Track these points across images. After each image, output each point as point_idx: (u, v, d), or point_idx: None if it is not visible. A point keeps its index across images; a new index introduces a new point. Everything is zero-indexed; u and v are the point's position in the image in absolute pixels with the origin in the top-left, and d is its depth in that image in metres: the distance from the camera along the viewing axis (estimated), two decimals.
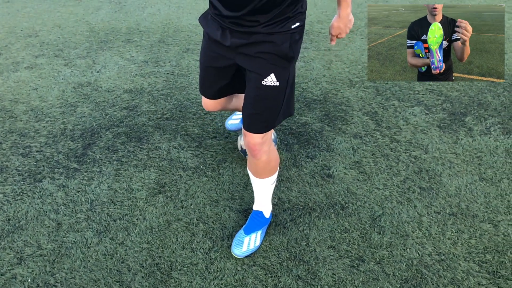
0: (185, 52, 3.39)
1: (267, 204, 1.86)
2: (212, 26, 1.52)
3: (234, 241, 1.82)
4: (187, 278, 1.72)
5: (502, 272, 1.71)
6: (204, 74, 1.71)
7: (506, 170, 2.17)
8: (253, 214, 1.87)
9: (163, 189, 2.12)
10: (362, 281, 1.69)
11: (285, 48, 1.43)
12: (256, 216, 1.86)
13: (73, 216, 1.99)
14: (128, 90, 2.91)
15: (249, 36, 1.43)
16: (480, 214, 1.95)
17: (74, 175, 2.21)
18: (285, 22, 1.41)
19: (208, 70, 1.67)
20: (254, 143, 1.59)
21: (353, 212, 1.97)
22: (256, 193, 1.84)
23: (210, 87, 1.75)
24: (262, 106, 1.52)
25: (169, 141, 2.43)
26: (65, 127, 2.57)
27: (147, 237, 1.88)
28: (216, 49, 1.57)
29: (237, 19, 1.40)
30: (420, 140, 2.40)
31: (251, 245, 1.80)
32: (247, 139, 1.60)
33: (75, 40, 3.63)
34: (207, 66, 1.66)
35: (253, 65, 1.48)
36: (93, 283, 1.71)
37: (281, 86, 1.49)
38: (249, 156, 1.69)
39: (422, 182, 2.13)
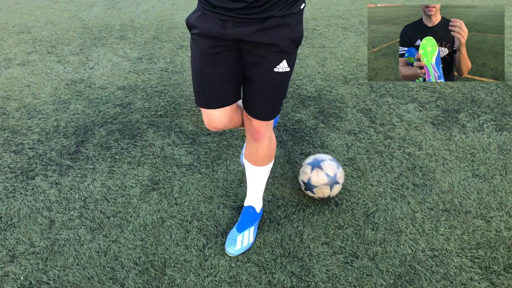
0: (179, 49, 3.38)
1: (260, 198, 1.87)
2: (207, 21, 1.40)
3: (227, 240, 1.82)
4: (181, 275, 1.72)
5: (494, 268, 1.72)
6: (203, 80, 1.50)
7: (498, 166, 2.19)
8: (245, 210, 1.88)
9: (157, 186, 2.11)
10: (356, 277, 1.70)
11: (299, 30, 1.40)
12: (248, 212, 1.86)
13: (66, 214, 1.98)
14: (122, 87, 2.90)
15: (261, 22, 1.34)
16: (473, 210, 1.96)
17: (67, 172, 2.20)
18: (296, 3, 1.37)
19: (207, 74, 1.49)
20: (260, 127, 1.57)
21: (347, 209, 1.98)
22: (251, 186, 1.84)
23: (213, 93, 1.53)
24: (273, 93, 1.48)
25: (163, 138, 2.43)
26: (58, 124, 2.55)
27: (141, 234, 1.88)
28: (215, 45, 1.42)
29: (245, 9, 1.32)
30: (414, 137, 2.41)
31: (244, 242, 1.80)
32: (252, 124, 1.57)
33: (68, 37, 3.60)
34: (204, 69, 1.47)
35: (266, 53, 1.40)
36: (87, 280, 1.70)
37: (290, 71, 1.46)
38: (250, 143, 1.68)
39: (416, 178, 2.13)
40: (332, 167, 1.92)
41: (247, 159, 1.77)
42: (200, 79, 1.51)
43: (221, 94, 1.54)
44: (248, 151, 1.74)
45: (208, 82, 1.50)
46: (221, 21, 1.37)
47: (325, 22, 3.82)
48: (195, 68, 1.50)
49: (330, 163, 1.93)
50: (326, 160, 1.94)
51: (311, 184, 1.91)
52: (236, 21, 1.36)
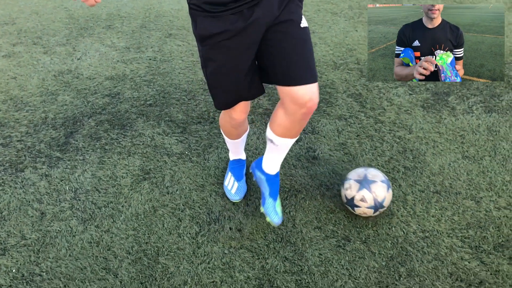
0: (167, 37, 3.34)
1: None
2: (225, 22, 1.35)
3: (268, 212, 1.71)
4: (174, 263, 1.72)
5: (484, 247, 1.74)
6: (234, 80, 1.47)
7: (488, 147, 2.20)
8: (273, 178, 1.75)
9: (148, 176, 2.10)
10: (349, 260, 1.71)
11: None
12: (276, 179, 1.76)
13: (57, 205, 1.96)
14: (110, 77, 2.87)
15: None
16: (463, 191, 1.98)
17: (57, 164, 2.18)
18: None
19: (238, 71, 1.45)
20: (313, 92, 1.40)
21: (339, 193, 1.98)
22: (281, 156, 1.70)
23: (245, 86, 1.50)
24: (306, 50, 1.41)
25: (153, 127, 2.41)
26: (46, 116, 2.52)
27: (133, 224, 1.87)
28: (239, 40, 1.38)
29: None
30: (404, 120, 2.42)
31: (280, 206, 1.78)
32: (300, 94, 1.39)
33: (54, 27, 3.54)
34: (233, 68, 1.44)
35: (286, 15, 1.38)
36: (79, 271, 1.70)
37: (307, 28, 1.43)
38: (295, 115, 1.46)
39: (407, 161, 2.15)
40: (382, 190, 1.76)
41: (286, 132, 1.56)
42: (230, 81, 1.47)
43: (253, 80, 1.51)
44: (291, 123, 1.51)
45: (238, 79, 1.47)
46: (239, 14, 1.34)
47: (314, 7, 3.79)
48: (225, 73, 1.45)
49: (381, 185, 1.77)
50: (377, 182, 1.77)
51: (353, 203, 1.79)
52: (252, 6, 1.33)
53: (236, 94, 1.53)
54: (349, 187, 1.80)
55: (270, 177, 1.75)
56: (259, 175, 1.77)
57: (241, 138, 1.90)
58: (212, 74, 1.49)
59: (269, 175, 1.75)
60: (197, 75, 2.85)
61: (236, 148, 1.99)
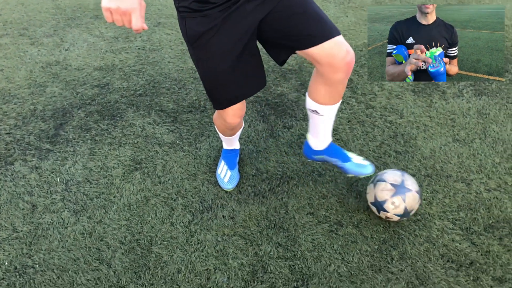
0: (156, 26, 3.30)
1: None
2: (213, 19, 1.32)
3: (357, 171, 1.73)
4: (167, 252, 1.72)
5: (474, 228, 1.76)
6: (232, 74, 1.44)
7: (478, 130, 2.22)
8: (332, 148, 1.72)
9: (139, 166, 2.09)
10: (341, 245, 1.73)
11: None
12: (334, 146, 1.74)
13: (48, 197, 1.95)
14: (99, 67, 2.83)
15: None
16: (453, 174, 1.99)
17: (47, 156, 2.16)
18: None
19: (236, 66, 1.42)
20: (345, 43, 1.34)
21: (331, 179, 1.99)
22: (329, 126, 1.63)
23: (245, 82, 1.48)
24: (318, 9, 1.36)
25: (143, 117, 2.39)
26: (35, 108, 2.49)
27: (126, 214, 1.87)
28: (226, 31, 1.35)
29: None
30: (395, 105, 2.42)
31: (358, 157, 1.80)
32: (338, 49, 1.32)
33: (41, 18, 3.48)
34: (233, 64, 1.41)
35: None
36: (72, 262, 1.70)
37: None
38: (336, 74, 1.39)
39: (398, 146, 2.15)
40: (414, 200, 1.68)
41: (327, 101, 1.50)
42: (227, 76, 1.43)
43: (257, 73, 1.49)
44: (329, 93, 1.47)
45: (237, 74, 1.44)
46: (227, 9, 1.31)
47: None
48: (220, 70, 1.41)
49: (415, 196, 1.68)
50: (412, 191, 1.68)
51: (382, 206, 1.70)
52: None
53: (234, 91, 1.49)
54: (383, 188, 1.70)
55: (328, 149, 1.70)
56: (318, 157, 1.77)
57: (235, 135, 1.89)
58: (207, 74, 1.45)
59: (326, 149, 1.70)
60: (187, 63, 2.82)
61: (231, 142, 1.98)
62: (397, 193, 1.67)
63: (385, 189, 1.69)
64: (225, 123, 1.65)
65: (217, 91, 1.50)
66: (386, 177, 1.72)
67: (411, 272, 1.63)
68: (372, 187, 1.76)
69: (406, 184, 1.69)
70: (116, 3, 1.08)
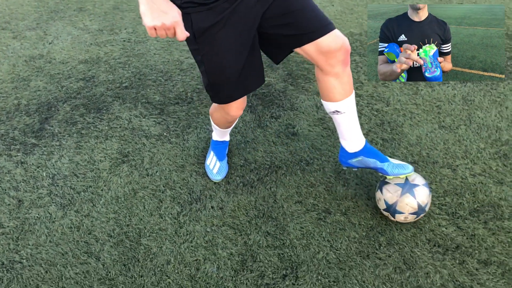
0: (141, 18, 3.26)
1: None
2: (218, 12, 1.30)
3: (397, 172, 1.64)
4: (156, 244, 1.72)
5: (460, 213, 1.79)
6: (238, 69, 1.43)
7: (463, 116, 2.24)
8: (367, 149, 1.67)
9: (126, 159, 2.08)
10: (330, 232, 1.74)
11: None
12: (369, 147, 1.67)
13: (35, 192, 1.93)
14: (84, 60, 2.80)
15: None
16: (440, 160, 2.01)
17: (32, 151, 2.13)
18: None
19: (243, 60, 1.41)
20: (341, 35, 1.37)
21: (318, 168, 2.00)
22: (355, 121, 1.61)
23: (249, 77, 1.47)
24: (312, 4, 1.38)
25: (129, 110, 2.37)
26: (19, 103, 2.45)
27: (114, 207, 1.86)
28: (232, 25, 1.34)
29: None
30: (382, 93, 2.43)
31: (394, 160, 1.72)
32: (337, 41, 1.36)
33: (23, 11, 3.42)
34: (240, 58, 1.40)
35: None
36: (61, 256, 1.69)
37: None
38: (337, 66, 1.42)
39: (385, 133, 2.17)
40: (425, 194, 1.65)
41: (342, 96, 1.51)
42: (239, 71, 1.42)
43: (260, 68, 1.49)
44: (339, 87, 1.49)
45: (241, 65, 1.42)
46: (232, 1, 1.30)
47: None
48: (228, 65, 1.39)
49: (424, 190, 1.65)
50: (419, 186, 1.65)
51: (395, 209, 1.65)
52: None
53: (239, 85, 1.47)
54: (388, 191, 1.67)
55: (364, 151, 1.66)
56: (354, 161, 1.69)
57: (232, 127, 1.89)
58: (213, 69, 1.42)
59: (362, 150, 1.65)
60: (172, 55, 2.80)
61: (224, 134, 1.97)
62: (406, 192, 1.63)
63: (390, 191, 1.66)
64: (228, 116, 1.63)
65: (221, 86, 1.47)
66: (387, 180, 1.70)
67: (399, 257, 1.65)
68: (377, 194, 1.73)
69: (410, 181, 1.66)
70: (160, 20, 1.09)
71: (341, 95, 1.51)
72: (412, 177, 1.68)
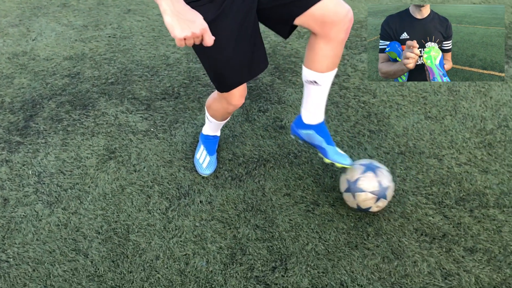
0: (126, 13, 3.22)
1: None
2: (219, 4, 1.31)
3: (336, 159, 1.67)
4: (145, 239, 1.71)
5: (447, 202, 1.81)
6: (242, 55, 1.43)
7: (449, 107, 2.26)
8: (322, 125, 1.69)
9: (113, 155, 2.06)
10: (318, 224, 1.75)
11: None
12: (324, 126, 1.70)
13: (21, 190, 1.91)
14: (69, 57, 2.76)
15: None
16: (426, 151, 2.03)
17: (17, 149, 2.11)
18: None
19: (246, 45, 1.42)
20: (350, 8, 1.36)
21: (306, 160, 2.01)
22: (325, 97, 1.61)
23: (253, 61, 1.47)
24: None
25: (116, 106, 2.35)
26: (2, 100, 2.41)
27: (101, 204, 1.84)
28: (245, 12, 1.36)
29: None
30: (368, 85, 2.44)
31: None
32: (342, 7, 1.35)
33: (5, 8, 3.36)
34: (243, 44, 1.41)
35: None
36: (48, 254, 1.67)
37: None
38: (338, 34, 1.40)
39: (371, 125, 2.18)
40: (387, 178, 1.66)
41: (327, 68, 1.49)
42: (231, 61, 1.42)
43: (263, 50, 1.49)
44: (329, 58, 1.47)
45: (241, 57, 1.43)
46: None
47: None
48: (232, 52, 1.39)
49: (386, 174, 1.68)
50: (382, 169, 1.68)
51: (356, 186, 1.64)
52: None
53: (244, 71, 1.47)
54: (351, 170, 1.67)
55: (318, 126, 1.67)
56: (305, 132, 1.71)
57: (227, 119, 1.87)
58: (217, 59, 1.42)
59: (317, 125, 1.67)
60: (159, 50, 2.78)
61: (218, 127, 1.95)
62: (368, 170, 1.65)
63: (353, 170, 1.68)
64: (229, 106, 1.62)
65: (227, 74, 1.48)
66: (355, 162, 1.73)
67: (387, 247, 1.66)
68: (341, 177, 1.75)
69: (374, 163, 1.69)
70: (190, 29, 1.08)
71: (327, 67, 1.49)
72: (377, 163, 1.71)
